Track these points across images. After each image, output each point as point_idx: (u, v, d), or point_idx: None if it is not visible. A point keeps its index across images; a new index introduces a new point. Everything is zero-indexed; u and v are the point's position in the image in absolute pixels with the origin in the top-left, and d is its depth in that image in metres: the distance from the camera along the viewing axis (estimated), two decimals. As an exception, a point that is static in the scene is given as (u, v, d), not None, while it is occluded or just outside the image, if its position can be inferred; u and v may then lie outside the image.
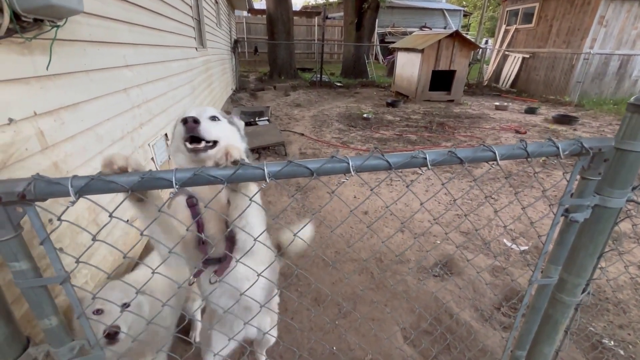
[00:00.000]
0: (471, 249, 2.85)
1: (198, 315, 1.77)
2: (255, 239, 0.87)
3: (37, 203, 0.63)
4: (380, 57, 19.51)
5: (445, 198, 3.81)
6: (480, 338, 1.98)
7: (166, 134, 2.60)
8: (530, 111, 8.16)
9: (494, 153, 0.78)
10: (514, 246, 2.89)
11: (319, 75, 12.58)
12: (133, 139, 1.95)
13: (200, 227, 0.98)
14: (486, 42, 18.82)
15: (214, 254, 1.01)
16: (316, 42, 18.06)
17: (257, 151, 5.05)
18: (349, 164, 0.71)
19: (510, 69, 11.61)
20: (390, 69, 13.93)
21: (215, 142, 0.95)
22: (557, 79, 9.94)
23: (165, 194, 2.06)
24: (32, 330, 1.01)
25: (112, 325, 0.96)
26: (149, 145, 2.19)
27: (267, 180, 0.68)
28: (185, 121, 0.90)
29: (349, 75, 14.40)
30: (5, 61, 0.99)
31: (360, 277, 2.50)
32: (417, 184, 4.20)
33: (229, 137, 1.00)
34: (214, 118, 1.01)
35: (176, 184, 0.65)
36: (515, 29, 11.57)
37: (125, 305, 1.05)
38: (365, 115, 7.54)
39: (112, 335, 0.97)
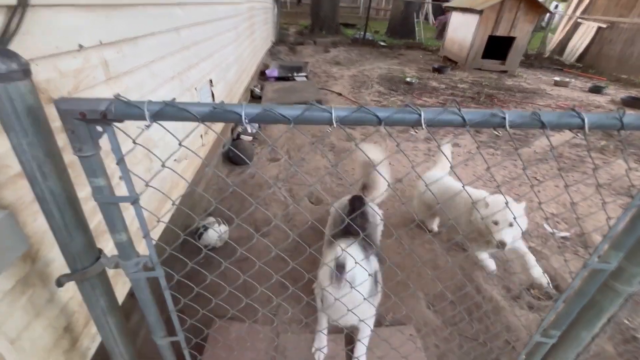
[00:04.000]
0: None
1: None
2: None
3: (115, 124, 0.65)
4: (431, 17, 17.91)
5: (484, 174, 3.64)
6: (506, 315, 1.98)
7: (211, 80, 2.61)
8: (596, 90, 7.32)
9: (583, 120, 0.70)
10: (554, 231, 2.76)
11: (362, 33, 11.86)
12: (182, 80, 1.98)
13: None
14: (556, 7, 16.63)
15: None
16: (363, -4, 16.81)
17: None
18: (420, 116, 0.66)
19: (580, 39, 10.29)
20: (441, 31, 12.82)
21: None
22: (635, 55, 8.72)
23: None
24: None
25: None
26: (195, 89, 2.21)
27: (334, 124, 0.65)
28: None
29: (395, 35, 13.46)
30: (75, -15, 0.99)
31: (389, 242, 2.52)
32: (456, 156, 4.02)
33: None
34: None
35: (245, 118, 0.65)
36: (596, -8, 10.05)
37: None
38: (408, 79, 7.13)
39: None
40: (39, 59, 0.86)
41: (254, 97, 5.40)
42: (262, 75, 6.61)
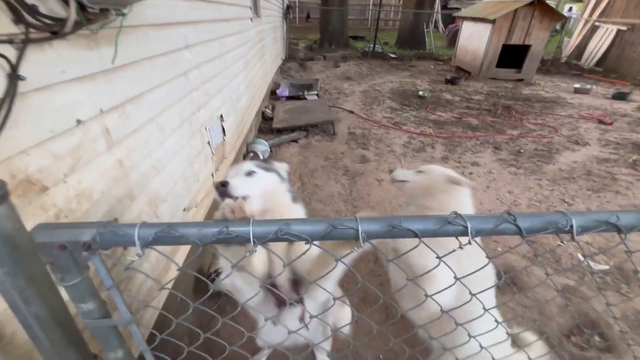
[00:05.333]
0: (538, 262, 2.55)
1: None
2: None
3: (102, 251, 0.56)
4: (441, 25, 17.78)
5: (508, 197, 3.44)
6: (545, 369, 1.78)
7: (221, 115, 2.55)
8: (620, 97, 6.98)
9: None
10: (591, 264, 2.54)
11: (371, 45, 11.83)
12: (191, 123, 1.91)
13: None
14: (570, 10, 16.23)
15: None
16: (371, 9, 16.87)
17: (305, 129, 4.93)
18: (467, 227, 0.54)
19: (599, 43, 9.93)
20: (452, 39, 12.66)
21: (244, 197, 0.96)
22: (660, 57, 8.32)
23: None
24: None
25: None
26: (205, 129, 2.15)
27: (362, 244, 0.54)
28: (216, 187, 0.95)
29: (405, 46, 13.37)
30: (74, 58, 0.93)
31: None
32: (476, 177, 3.84)
33: (263, 187, 1.02)
34: (249, 173, 1.04)
35: (254, 241, 0.54)
36: (614, -6, 9.72)
37: None
38: (420, 93, 6.99)
39: None
40: (31, 148, 0.79)
41: (265, 119, 5.36)
42: (273, 94, 6.61)
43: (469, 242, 0.55)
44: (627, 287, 2.34)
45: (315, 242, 0.57)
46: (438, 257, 0.61)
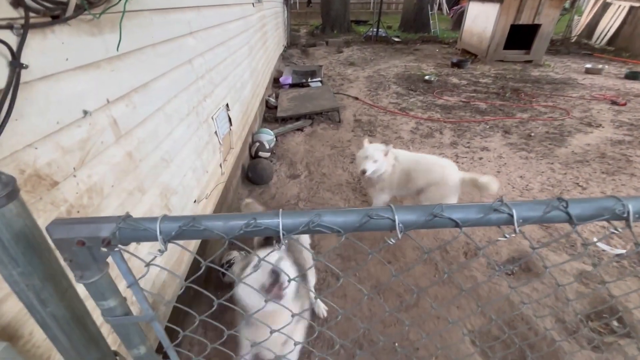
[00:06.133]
0: (553, 247, 2.51)
1: None
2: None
3: (121, 247, 0.52)
4: (445, 7, 17.29)
5: (520, 182, 3.37)
6: (562, 355, 1.77)
7: (227, 104, 2.49)
8: (633, 76, 6.77)
9: None
10: (606, 248, 2.49)
11: (375, 29, 11.54)
12: (198, 113, 1.87)
13: None
14: (580, -14, 15.62)
15: None
16: (373, -10, 16.40)
17: (310, 117, 4.85)
18: (512, 215, 0.50)
19: (611, 21, 9.59)
20: (457, 21, 12.32)
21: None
22: (675, 34, 8.02)
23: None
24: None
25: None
26: (212, 118, 2.10)
27: (399, 235, 0.50)
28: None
29: (409, 29, 13.04)
30: (77, 45, 0.88)
31: (423, 268, 2.34)
32: (487, 162, 3.76)
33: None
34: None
35: (283, 233, 0.50)
36: (627, -32, 9.32)
37: None
38: (426, 77, 6.83)
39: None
40: (38, 141, 0.75)
41: (269, 108, 5.29)
42: (275, 82, 6.50)
43: (514, 232, 0.51)
44: (645, 270, 2.30)
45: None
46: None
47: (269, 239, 1.44)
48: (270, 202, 3.10)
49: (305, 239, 1.93)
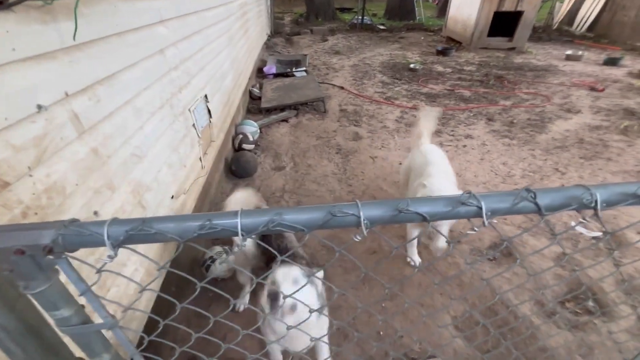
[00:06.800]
0: (533, 232, 2.57)
1: None
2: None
3: (68, 253, 0.48)
4: (430, -7, 17.17)
5: (502, 169, 3.42)
6: (541, 336, 1.82)
7: (206, 95, 2.41)
8: (611, 62, 6.92)
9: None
10: (584, 231, 2.57)
11: (360, 17, 11.40)
12: (173, 106, 1.79)
13: None
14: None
15: None
16: (357, -23, 16.09)
17: (295, 107, 4.78)
18: (481, 208, 0.48)
19: (591, 8, 9.73)
20: (442, 8, 12.27)
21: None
22: (651, 20, 8.19)
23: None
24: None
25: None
26: (189, 110, 2.03)
27: (364, 232, 0.48)
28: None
29: (394, 17, 12.93)
30: (26, 34, 0.81)
31: (402, 258, 2.36)
32: (470, 149, 3.80)
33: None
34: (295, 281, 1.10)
35: (242, 233, 0.47)
36: (606, -46, 9.41)
37: None
38: (412, 65, 6.81)
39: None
40: (-18, 139, 0.69)
41: (253, 99, 5.18)
42: (259, 72, 6.36)
43: (484, 224, 0.50)
44: (619, 253, 2.38)
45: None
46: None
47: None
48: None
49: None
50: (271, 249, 0.62)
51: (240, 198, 1.74)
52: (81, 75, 1.01)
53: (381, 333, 1.87)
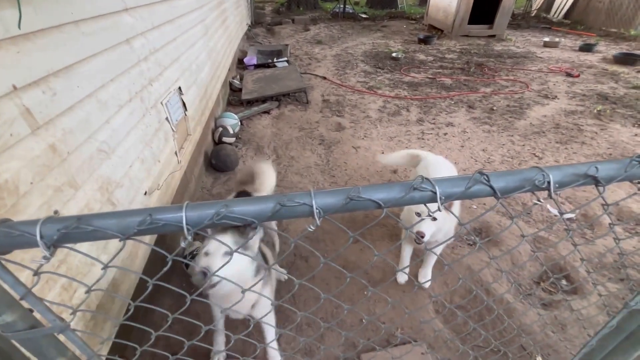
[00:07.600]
0: (510, 215, 2.63)
1: None
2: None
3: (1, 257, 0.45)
4: (412, -19, 17.07)
5: (482, 155, 3.48)
6: (517, 315, 1.88)
7: (180, 88, 2.34)
8: (586, 48, 7.08)
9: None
10: (557, 213, 2.65)
11: (342, 6, 11.25)
12: (143, 99, 1.73)
13: None
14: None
15: None
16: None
17: (276, 98, 4.71)
18: (435, 192, 0.48)
19: (568, -6, 9.89)
20: (423, -4, 12.24)
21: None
22: (624, 5, 8.41)
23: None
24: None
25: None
26: (161, 103, 1.96)
27: (318, 221, 0.47)
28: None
29: (376, 5, 12.84)
30: (-39, 21, 0.75)
31: (389, 244, 2.39)
32: (451, 137, 3.84)
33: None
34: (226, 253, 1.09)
35: (188, 227, 0.45)
36: (582, -60, 9.55)
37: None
38: (394, 54, 6.79)
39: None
40: None
41: (234, 90, 5.08)
42: (240, 63, 6.22)
43: (439, 209, 0.49)
44: (591, 232, 2.47)
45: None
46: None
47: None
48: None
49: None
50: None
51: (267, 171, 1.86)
52: (32, 67, 0.95)
53: (364, 321, 1.89)
